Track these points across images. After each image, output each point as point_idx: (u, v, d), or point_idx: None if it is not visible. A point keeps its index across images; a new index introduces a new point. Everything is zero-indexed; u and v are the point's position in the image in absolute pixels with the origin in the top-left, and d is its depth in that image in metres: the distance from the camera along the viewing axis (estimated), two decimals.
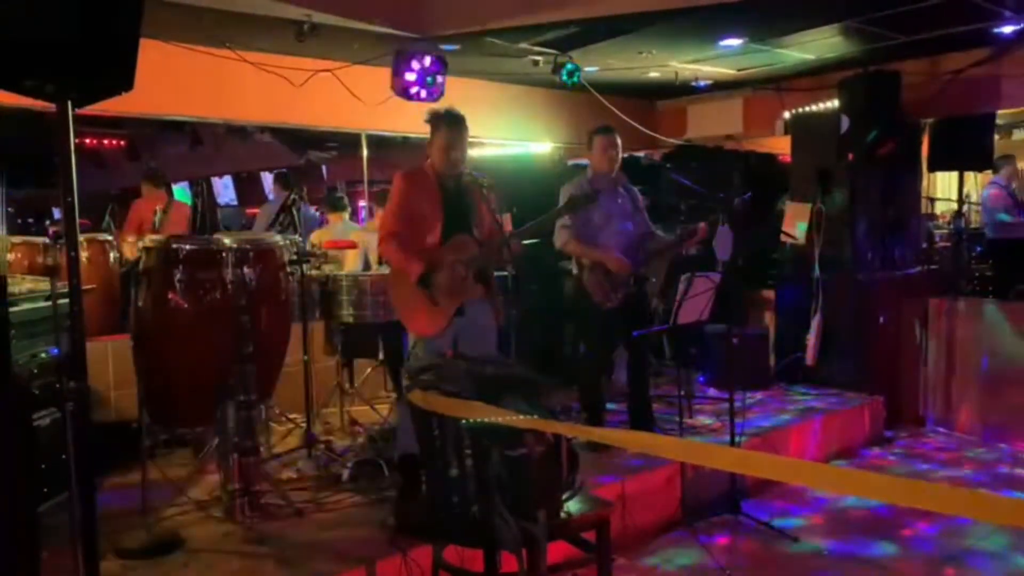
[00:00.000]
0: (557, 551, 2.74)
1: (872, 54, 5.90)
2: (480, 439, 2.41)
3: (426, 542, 3.00)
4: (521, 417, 2.29)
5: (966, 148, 6.71)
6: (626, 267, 4.47)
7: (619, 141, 4.62)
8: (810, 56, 6.00)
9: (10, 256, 4.68)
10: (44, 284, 3.72)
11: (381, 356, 4.89)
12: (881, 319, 6.18)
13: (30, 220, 9.51)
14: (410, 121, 6.34)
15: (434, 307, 3.60)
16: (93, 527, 2.57)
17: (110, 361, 4.59)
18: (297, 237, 4.40)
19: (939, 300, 6.32)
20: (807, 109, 6.62)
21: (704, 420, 5.24)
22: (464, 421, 2.40)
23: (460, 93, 5.52)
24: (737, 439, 4.23)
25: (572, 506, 2.69)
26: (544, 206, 4.34)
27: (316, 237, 5.60)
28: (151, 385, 3.61)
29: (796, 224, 6.10)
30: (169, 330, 3.57)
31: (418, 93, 5.34)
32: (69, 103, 2.44)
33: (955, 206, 7.50)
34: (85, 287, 2.68)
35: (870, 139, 5.88)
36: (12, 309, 3.10)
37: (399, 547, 3.10)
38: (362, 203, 9.14)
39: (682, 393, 5.05)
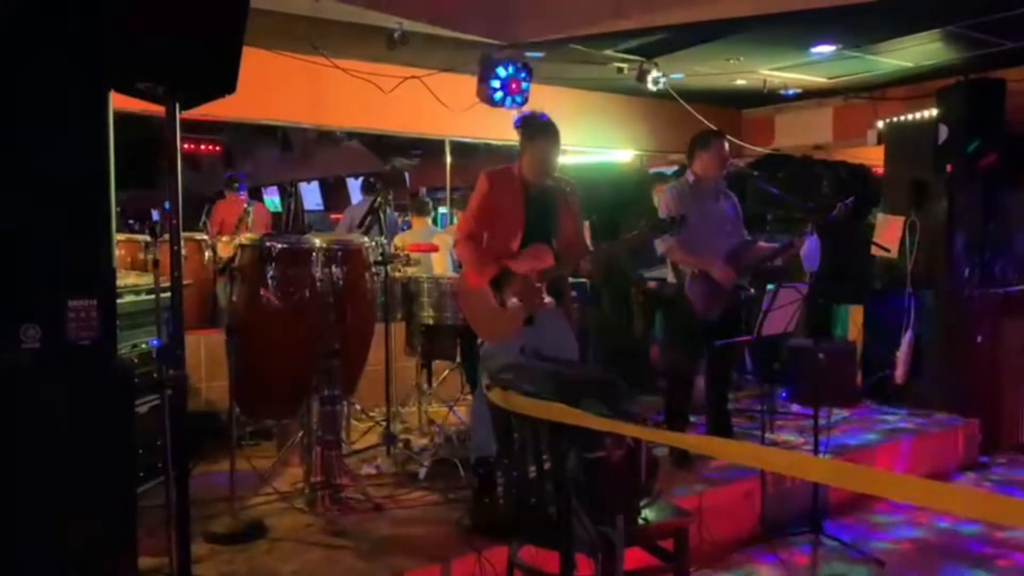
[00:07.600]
0: (633, 558, 2.72)
1: (973, 61, 5.67)
2: (559, 440, 2.41)
3: (502, 542, 3.02)
4: (600, 420, 2.27)
5: None
6: (731, 276, 4.32)
7: None
8: (907, 63, 5.81)
9: None
10: (147, 278, 3.90)
11: (459, 359, 4.94)
12: (979, 338, 5.88)
13: (131, 221, 10.04)
14: (493, 128, 6.43)
15: (502, 312, 3.55)
16: (186, 510, 2.68)
17: (202, 354, 4.79)
18: (382, 239, 4.50)
19: None
20: (903, 119, 6.38)
21: (786, 436, 5.10)
22: (543, 422, 2.41)
23: (544, 100, 5.55)
24: (821, 457, 4.09)
25: (650, 513, 2.66)
26: (624, 213, 4.30)
27: (400, 240, 5.71)
28: (241, 377, 3.74)
29: (889, 237, 5.88)
30: (260, 325, 3.70)
31: (503, 100, 5.40)
32: (176, 104, 2.59)
33: None
34: (184, 283, 2.80)
35: (971, 150, 5.63)
36: (117, 301, 3.27)
37: (474, 546, 3.13)
38: (443, 209, 9.27)
39: (764, 408, 4.93)
